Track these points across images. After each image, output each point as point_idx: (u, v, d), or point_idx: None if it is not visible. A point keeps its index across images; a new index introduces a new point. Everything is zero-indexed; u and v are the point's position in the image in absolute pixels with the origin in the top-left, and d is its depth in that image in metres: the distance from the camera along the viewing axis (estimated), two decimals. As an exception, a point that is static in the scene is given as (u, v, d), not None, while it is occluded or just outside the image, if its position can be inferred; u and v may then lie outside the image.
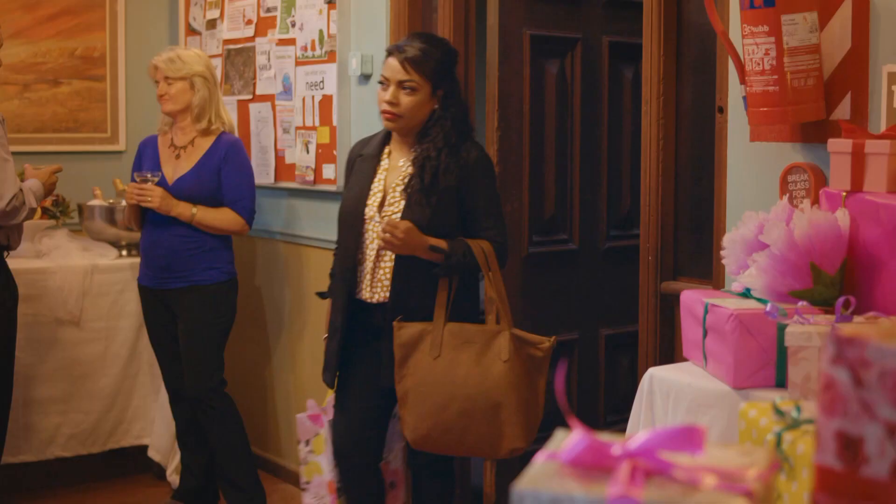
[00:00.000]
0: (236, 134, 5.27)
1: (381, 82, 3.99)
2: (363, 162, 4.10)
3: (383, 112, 3.97)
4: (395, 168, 4.04)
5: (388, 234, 3.79)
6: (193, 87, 5.02)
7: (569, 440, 1.30)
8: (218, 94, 5.14)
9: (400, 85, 3.94)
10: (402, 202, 3.95)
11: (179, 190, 4.94)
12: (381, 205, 3.99)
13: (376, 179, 4.04)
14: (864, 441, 1.19)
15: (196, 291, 4.96)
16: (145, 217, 5.03)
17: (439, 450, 3.96)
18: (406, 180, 3.97)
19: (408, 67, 3.92)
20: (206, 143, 5.01)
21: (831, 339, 1.20)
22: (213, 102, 5.08)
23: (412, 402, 3.89)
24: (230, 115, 5.28)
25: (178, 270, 4.97)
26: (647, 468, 1.25)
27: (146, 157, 5.14)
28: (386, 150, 4.09)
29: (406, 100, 3.94)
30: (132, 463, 5.78)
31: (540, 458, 1.32)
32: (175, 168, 5.02)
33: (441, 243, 3.87)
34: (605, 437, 1.35)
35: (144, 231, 5.08)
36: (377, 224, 3.94)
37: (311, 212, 5.46)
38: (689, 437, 1.26)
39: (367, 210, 4.01)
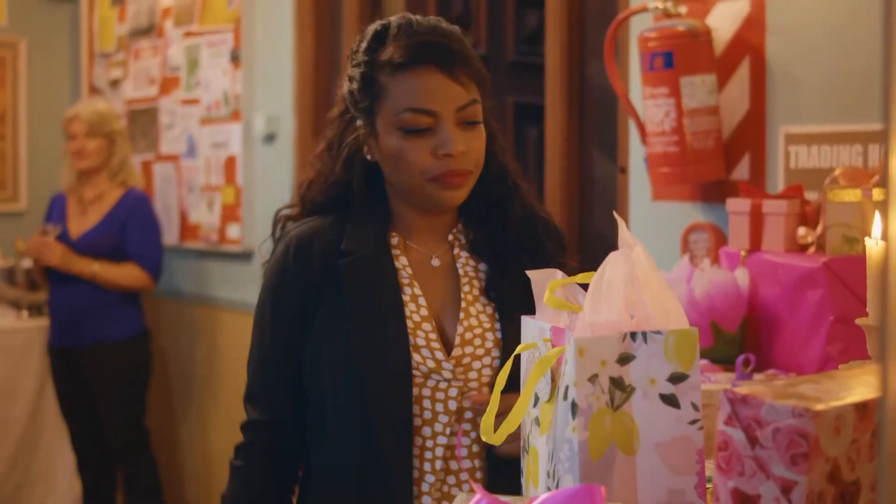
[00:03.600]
0: (141, 189, 5.24)
1: (411, 129, 2.05)
2: (359, 264, 2.13)
3: (446, 177, 2.06)
4: (430, 272, 2.17)
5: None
6: (114, 145, 4.99)
7: (470, 502, 1.30)
8: (131, 150, 5.17)
9: (461, 116, 2.07)
10: (491, 336, 2.13)
11: (83, 245, 4.88)
12: (448, 346, 2.12)
13: (407, 296, 2.12)
14: (759, 499, 1.20)
15: (104, 349, 4.89)
16: (50, 273, 4.97)
17: None
18: (476, 291, 2.17)
19: (464, 79, 2.07)
20: (113, 198, 4.97)
21: (725, 399, 1.21)
22: (129, 158, 5.09)
23: None
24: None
25: (84, 327, 4.90)
26: (547, 529, 1.25)
27: (55, 212, 5.09)
28: (394, 242, 2.17)
29: (477, 142, 2.09)
30: (32, 528, 5.68)
31: (440, 521, 1.32)
32: (81, 223, 4.96)
33: None
34: (507, 499, 1.35)
35: (51, 288, 5.01)
36: (461, 393, 2.09)
37: (216, 272, 5.42)
38: (588, 497, 1.26)
39: (417, 358, 2.08)
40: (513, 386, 1.73)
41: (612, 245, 1.61)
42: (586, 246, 3.97)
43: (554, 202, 3.94)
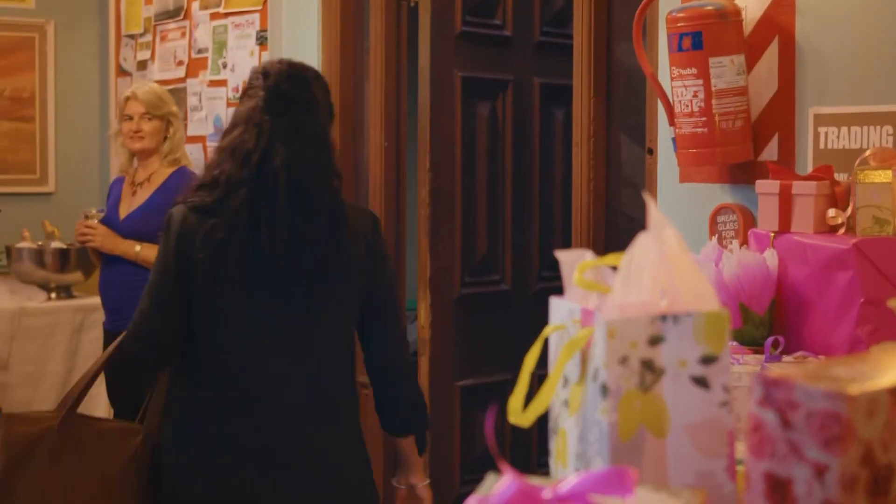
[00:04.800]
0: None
1: None
2: None
3: None
4: None
5: None
6: (170, 127, 4.94)
7: (499, 484, 1.29)
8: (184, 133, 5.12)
9: None
10: None
11: (128, 226, 4.84)
12: None
13: None
14: (792, 482, 1.19)
15: None
16: (102, 257, 4.95)
17: None
18: None
19: None
20: (161, 178, 4.93)
21: (758, 381, 1.20)
22: (183, 141, 5.04)
23: None
24: None
25: (128, 312, 4.86)
26: (578, 512, 1.25)
27: (112, 195, 5.08)
28: None
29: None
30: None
31: (470, 503, 1.31)
32: (130, 205, 4.93)
33: None
34: (535, 480, 1.34)
35: (101, 271, 4.99)
36: None
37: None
38: (619, 480, 1.25)
39: None
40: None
41: (639, 226, 1.60)
42: (613, 227, 3.96)
43: (581, 183, 3.93)
